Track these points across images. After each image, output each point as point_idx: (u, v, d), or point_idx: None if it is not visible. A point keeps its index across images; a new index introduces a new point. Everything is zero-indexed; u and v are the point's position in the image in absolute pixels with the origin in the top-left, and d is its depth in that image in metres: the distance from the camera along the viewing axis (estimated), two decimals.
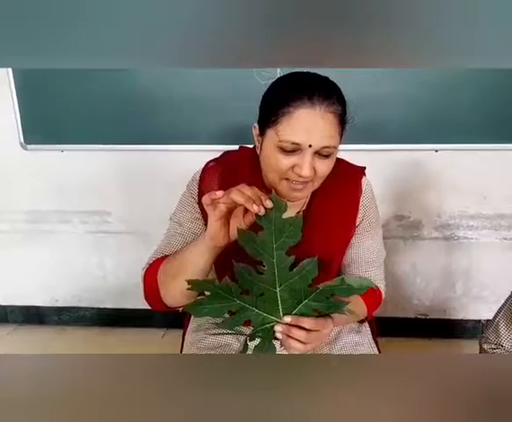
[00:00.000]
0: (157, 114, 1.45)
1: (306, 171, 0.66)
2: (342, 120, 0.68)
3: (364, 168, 0.84)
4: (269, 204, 0.60)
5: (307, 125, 0.64)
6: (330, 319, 0.65)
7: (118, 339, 1.72)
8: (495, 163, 1.45)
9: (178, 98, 1.43)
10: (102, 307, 1.77)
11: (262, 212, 0.59)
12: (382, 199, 1.54)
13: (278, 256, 0.62)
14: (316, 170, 0.67)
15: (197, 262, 0.67)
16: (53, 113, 1.47)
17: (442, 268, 1.60)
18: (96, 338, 1.74)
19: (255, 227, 0.62)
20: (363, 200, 0.81)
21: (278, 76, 0.72)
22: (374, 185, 0.83)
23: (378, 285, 0.85)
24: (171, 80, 1.41)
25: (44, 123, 1.50)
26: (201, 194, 0.79)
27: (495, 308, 1.63)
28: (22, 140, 1.52)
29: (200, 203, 0.79)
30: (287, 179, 0.69)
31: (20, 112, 1.48)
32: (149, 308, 0.84)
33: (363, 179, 0.82)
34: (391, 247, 1.59)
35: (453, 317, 1.66)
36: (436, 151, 1.45)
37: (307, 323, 0.62)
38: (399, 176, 1.50)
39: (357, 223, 0.81)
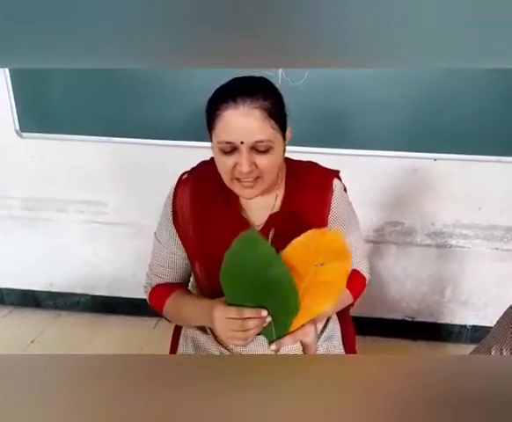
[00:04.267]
0: (156, 108, 1.43)
1: (245, 167, 0.70)
2: (273, 114, 0.70)
3: (337, 171, 0.86)
4: (265, 315, 0.69)
5: (234, 124, 0.69)
6: (310, 323, 0.73)
7: (111, 326, 1.75)
8: (492, 174, 1.46)
9: (179, 92, 1.40)
10: (96, 294, 1.79)
11: (269, 319, 0.69)
12: (377, 204, 1.56)
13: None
14: (257, 165, 0.72)
15: (198, 323, 0.82)
16: (49, 102, 1.45)
17: (432, 274, 1.63)
18: (90, 324, 1.76)
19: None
20: (334, 200, 0.83)
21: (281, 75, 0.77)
22: (369, 190, 0.86)
23: (360, 270, 0.88)
24: (172, 73, 1.39)
25: (40, 111, 1.47)
26: (175, 211, 0.84)
27: (482, 314, 1.68)
28: (18, 127, 1.50)
29: (175, 222, 0.85)
30: (236, 179, 0.74)
31: (16, 99, 1.45)
32: (142, 297, 0.89)
33: (334, 180, 0.84)
34: (384, 251, 1.61)
35: (440, 321, 1.69)
36: (435, 160, 1.44)
37: (287, 341, 0.72)
38: (396, 182, 1.50)
39: (329, 222, 0.83)
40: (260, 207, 0.81)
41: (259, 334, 0.72)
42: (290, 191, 0.82)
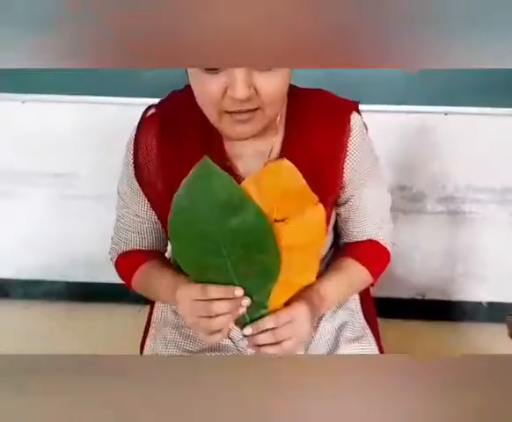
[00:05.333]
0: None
1: (240, 91, 0.50)
2: None
3: (356, 103, 0.66)
4: (240, 294, 0.53)
5: None
6: (299, 302, 0.57)
7: (88, 316, 1.58)
8: (510, 130, 1.31)
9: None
10: (71, 281, 1.61)
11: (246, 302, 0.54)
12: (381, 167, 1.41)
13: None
14: (257, 89, 0.52)
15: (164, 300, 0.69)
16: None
17: (444, 245, 1.48)
18: (64, 314, 1.59)
19: None
20: (352, 141, 0.64)
21: None
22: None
23: (380, 240, 0.71)
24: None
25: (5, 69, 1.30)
26: (137, 162, 0.65)
27: (497, 290, 1.54)
28: None
29: (138, 176, 0.65)
30: (226, 112, 0.54)
31: None
32: (122, 281, 0.73)
33: (353, 115, 0.64)
34: None
35: (453, 299, 1.54)
36: (446, 114, 1.30)
37: (268, 322, 0.55)
38: (402, 141, 1.35)
39: (345, 172, 0.65)
40: (252, 153, 0.62)
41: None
42: (293, 131, 0.63)
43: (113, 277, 1.51)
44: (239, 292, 0.53)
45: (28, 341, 1.42)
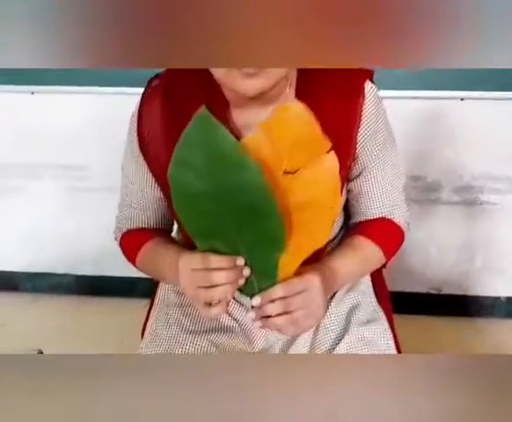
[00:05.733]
0: None
1: None
2: None
3: (370, 71, 0.63)
4: (241, 263, 0.52)
5: None
6: (312, 273, 0.54)
7: (96, 310, 1.57)
8: None
9: None
10: (79, 274, 1.60)
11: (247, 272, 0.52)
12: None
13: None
14: None
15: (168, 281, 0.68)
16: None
17: (460, 237, 1.43)
18: (73, 307, 1.58)
19: None
20: (366, 110, 0.60)
21: None
22: None
23: (395, 219, 0.67)
24: None
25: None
26: (141, 134, 0.63)
27: None
28: None
29: (143, 149, 0.63)
30: None
31: None
32: (131, 275, 0.71)
33: (367, 83, 0.61)
34: None
35: (470, 293, 1.49)
36: (462, 100, 1.25)
37: (278, 291, 0.52)
38: (416, 128, 1.30)
39: (359, 142, 0.62)
40: (259, 119, 0.58)
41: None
42: (303, 97, 0.59)
43: (122, 271, 1.51)
44: (241, 262, 0.51)
45: (36, 334, 1.41)
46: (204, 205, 0.49)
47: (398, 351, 0.68)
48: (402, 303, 1.45)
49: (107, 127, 1.40)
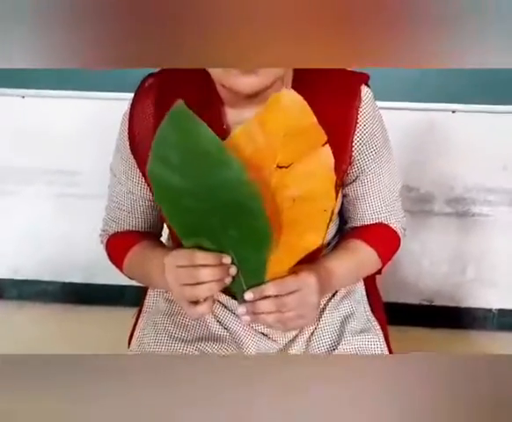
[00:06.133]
0: None
1: None
2: None
3: (366, 75, 0.63)
4: (227, 261, 0.51)
5: None
6: (307, 272, 0.52)
7: (84, 318, 1.53)
8: None
9: None
10: (67, 281, 1.57)
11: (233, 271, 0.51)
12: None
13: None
14: None
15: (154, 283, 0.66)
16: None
17: (453, 249, 1.43)
18: (59, 316, 1.54)
19: None
20: (362, 113, 0.60)
21: None
22: None
23: (392, 224, 0.67)
24: None
25: None
26: (132, 133, 0.62)
27: (509, 296, 1.48)
28: None
29: (133, 148, 0.62)
30: None
31: None
32: (120, 283, 0.69)
33: (363, 87, 0.61)
34: None
35: (462, 305, 1.49)
36: (453, 112, 1.26)
37: (271, 287, 0.51)
38: (409, 140, 1.31)
39: (354, 145, 0.61)
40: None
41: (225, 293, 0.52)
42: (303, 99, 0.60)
43: (109, 279, 1.49)
44: (227, 260, 0.50)
45: (21, 343, 1.37)
46: (186, 201, 0.47)
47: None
48: (394, 314, 1.44)
49: (100, 133, 1.39)
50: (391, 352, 0.69)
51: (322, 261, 0.59)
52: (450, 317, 1.49)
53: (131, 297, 1.56)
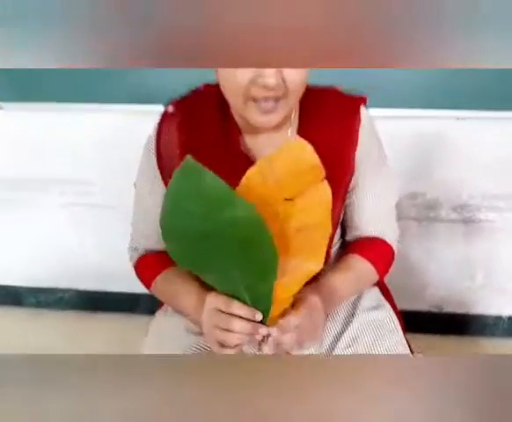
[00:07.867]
0: (154, 69, 1.28)
1: (271, 78, 0.54)
2: None
3: (364, 97, 0.69)
4: (259, 318, 0.54)
5: None
6: (311, 293, 0.58)
7: (99, 326, 1.57)
8: None
9: None
10: (82, 289, 1.61)
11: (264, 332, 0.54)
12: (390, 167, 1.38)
13: None
14: (284, 78, 0.55)
15: (188, 313, 0.67)
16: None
17: (460, 255, 1.43)
18: (75, 322, 1.59)
19: None
20: (363, 132, 0.67)
21: None
22: None
23: (388, 239, 0.71)
24: None
25: (20, 78, 1.35)
26: (159, 153, 0.69)
27: None
28: None
29: (160, 167, 0.68)
30: (253, 100, 0.57)
31: None
32: (134, 291, 0.73)
33: (362, 108, 0.68)
34: (403, 229, 1.39)
35: (471, 312, 1.48)
36: (458, 119, 1.27)
37: (293, 321, 0.55)
38: (414, 147, 1.32)
39: (357, 162, 0.67)
40: (268, 143, 0.65)
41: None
42: (306, 123, 0.67)
43: (125, 287, 1.52)
44: (259, 316, 0.54)
45: (38, 349, 1.42)
46: (198, 243, 0.51)
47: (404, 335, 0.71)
48: (403, 321, 1.45)
49: (112, 143, 1.44)
50: (401, 324, 0.73)
51: (325, 281, 0.64)
52: (460, 324, 1.48)
53: (146, 305, 1.59)
